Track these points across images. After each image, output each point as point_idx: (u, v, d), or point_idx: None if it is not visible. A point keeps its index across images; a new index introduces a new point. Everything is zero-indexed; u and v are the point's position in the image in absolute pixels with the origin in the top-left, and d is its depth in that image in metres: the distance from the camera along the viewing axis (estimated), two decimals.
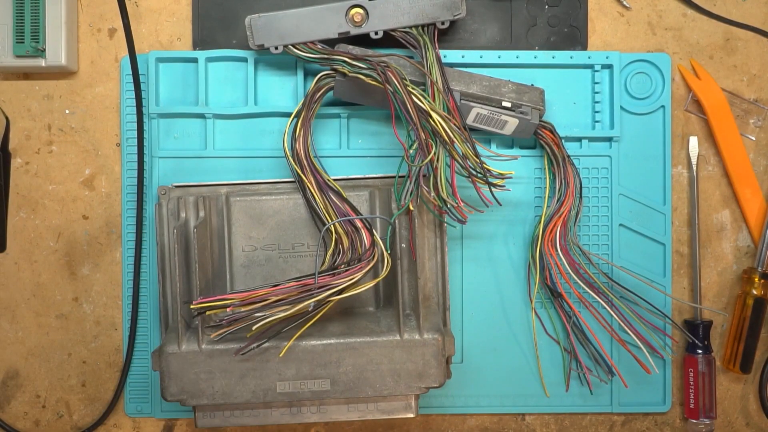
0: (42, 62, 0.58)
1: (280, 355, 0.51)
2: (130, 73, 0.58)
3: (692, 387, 0.60)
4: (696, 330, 0.60)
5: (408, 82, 0.52)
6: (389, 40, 0.56)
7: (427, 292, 0.55)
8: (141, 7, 0.61)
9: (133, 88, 0.59)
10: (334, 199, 0.54)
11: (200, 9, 0.60)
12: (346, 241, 0.53)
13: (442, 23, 0.55)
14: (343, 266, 0.51)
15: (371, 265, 0.51)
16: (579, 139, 0.60)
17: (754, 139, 0.62)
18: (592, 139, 0.60)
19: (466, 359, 0.60)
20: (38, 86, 0.61)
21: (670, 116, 0.61)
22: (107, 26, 0.61)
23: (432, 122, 0.51)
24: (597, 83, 0.60)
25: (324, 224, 0.54)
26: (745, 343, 0.60)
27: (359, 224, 0.53)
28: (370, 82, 0.53)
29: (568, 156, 0.58)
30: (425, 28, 0.56)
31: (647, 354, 0.59)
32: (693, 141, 0.61)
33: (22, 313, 0.61)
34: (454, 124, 0.52)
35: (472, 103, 0.56)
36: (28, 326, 0.61)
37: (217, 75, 0.60)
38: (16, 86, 0.61)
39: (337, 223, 0.53)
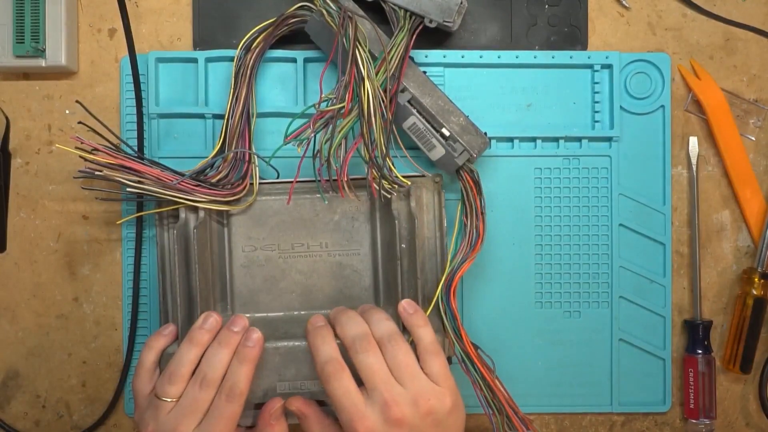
0: (42, 62, 0.58)
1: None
2: (130, 73, 0.58)
3: (692, 387, 0.60)
4: (696, 330, 0.60)
5: (361, 43, 0.51)
6: (381, 13, 0.55)
7: (427, 293, 0.55)
8: (141, 7, 0.61)
9: (133, 89, 0.59)
10: None
11: (200, 9, 0.60)
12: None
13: (431, 21, 0.55)
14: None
15: None
16: (579, 139, 0.60)
17: (754, 139, 0.62)
18: (591, 139, 0.60)
19: None
20: (38, 86, 0.61)
21: (670, 116, 0.61)
22: (107, 26, 0.61)
23: (362, 89, 0.50)
24: (597, 83, 0.60)
25: None
26: (745, 343, 0.60)
27: None
28: (329, 21, 0.52)
29: (483, 211, 0.55)
30: (413, 18, 0.55)
31: (647, 354, 0.59)
32: (693, 141, 0.61)
33: (22, 313, 0.61)
34: (383, 107, 0.51)
35: (415, 112, 0.55)
36: (28, 326, 0.61)
37: (217, 75, 0.60)
38: (16, 86, 0.61)
39: None
